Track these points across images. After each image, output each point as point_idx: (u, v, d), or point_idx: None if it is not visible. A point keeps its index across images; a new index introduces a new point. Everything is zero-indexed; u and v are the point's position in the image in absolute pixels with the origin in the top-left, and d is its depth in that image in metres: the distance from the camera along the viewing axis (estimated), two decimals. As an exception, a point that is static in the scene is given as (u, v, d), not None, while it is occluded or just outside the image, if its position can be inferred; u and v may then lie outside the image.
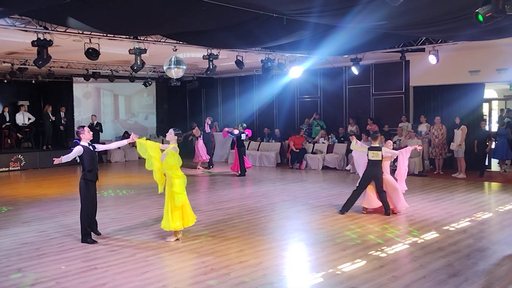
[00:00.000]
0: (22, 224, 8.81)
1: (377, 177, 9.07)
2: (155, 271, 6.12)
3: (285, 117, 19.44)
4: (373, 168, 9.07)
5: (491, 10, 5.64)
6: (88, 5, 7.77)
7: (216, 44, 12.05)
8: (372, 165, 9.07)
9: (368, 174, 9.13)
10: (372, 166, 9.08)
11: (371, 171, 9.09)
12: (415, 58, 15.06)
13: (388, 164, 9.38)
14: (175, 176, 7.25)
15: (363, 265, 6.25)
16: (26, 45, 10.97)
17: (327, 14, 7.31)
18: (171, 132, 7.50)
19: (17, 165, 17.06)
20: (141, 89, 22.30)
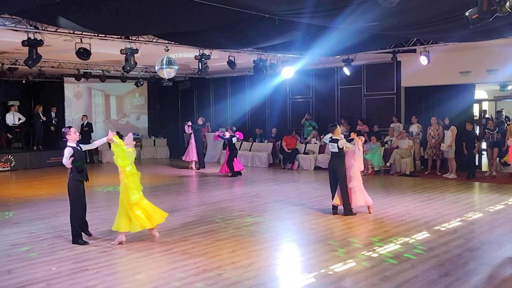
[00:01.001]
0: (12, 225, 8.74)
1: (338, 169, 9.09)
2: (147, 272, 6.10)
3: (277, 117, 19.45)
4: (331, 159, 9.34)
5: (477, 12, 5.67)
6: (79, 5, 7.72)
7: (208, 44, 12.03)
8: (332, 156, 9.32)
9: (330, 167, 9.38)
10: (332, 158, 9.32)
11: (331, 163, 9.32)
12: (407, 59, 15.13)
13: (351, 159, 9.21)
14: (124, 176, 7.28)
15: (354, 266, 6.26)
16: (17, 44, 10.89)
17: (319, 15, 7.33)
18: (130, 136, 7.49)
19: (7, 166, 16.93)
20: (133, 89, 22.20)
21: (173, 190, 12.51)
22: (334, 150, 9.18)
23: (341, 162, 9.13)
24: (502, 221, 8.58)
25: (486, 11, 5.53)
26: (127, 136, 7.53)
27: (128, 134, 7.61)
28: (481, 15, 5.62)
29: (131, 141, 7.44)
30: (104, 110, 22.33)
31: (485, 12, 5.55)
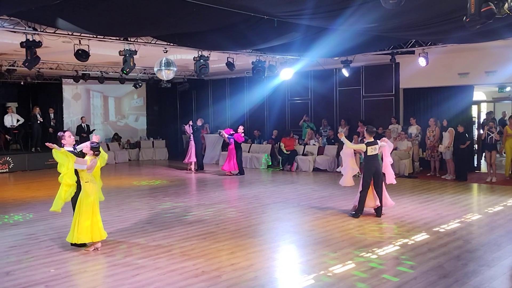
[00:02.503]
0: (10, 226, 8.72)
1: (377, 171, 9.00)
2: (146, 274, 6.08)
3: (276, 119, 19.46)
4: (373, 162, 8.99)
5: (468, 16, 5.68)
6: (78, 6, 7.72)
7: (207, 45, 12.03)
8: (371, 159, 8.99)
9: (369, 170, 8.99)
10: (371, 161, 8.99)
11: (372, 165, 8.98)
12: (405, 60, 15.15)
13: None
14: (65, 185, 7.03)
15: (354, 267, 6.25)
16: (15, 46, 10.89)
17: (318, 17, 7.33)
18: (87, 145, 7.17)
19: (5, 168, 16.89)
20: (131, 91, 22.20)
21: (171, 191, 12.49)
22: (375, 153, 9.01)
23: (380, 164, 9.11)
24: (501, 222, 8.58)
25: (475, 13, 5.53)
26: (84, 144, 7.27)
27: (86, 142, 7.37)
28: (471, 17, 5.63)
29: (88, 150, 7.12)
30: (102, 111, 22.33)
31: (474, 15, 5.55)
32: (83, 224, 6.95)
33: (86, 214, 6.97)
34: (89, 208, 7.01)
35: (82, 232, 6.94)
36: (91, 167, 7.08)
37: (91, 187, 7.10)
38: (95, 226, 7.06)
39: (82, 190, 7.04)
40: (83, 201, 7.00)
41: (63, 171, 6.88)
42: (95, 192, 7.16)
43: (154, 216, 9.49)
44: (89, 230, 6.97)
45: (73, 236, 7.01)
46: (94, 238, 7.05)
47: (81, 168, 6.98)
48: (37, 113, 18.75)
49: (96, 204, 7.14)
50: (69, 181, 6.89)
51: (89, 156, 7.11)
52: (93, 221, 7.04)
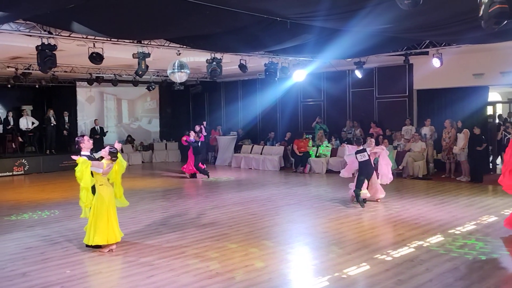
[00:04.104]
0: (26, 228, 8.81)
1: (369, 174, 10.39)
2: (160, 275, 6.10)
3: (289, 120, 19.43)
4: (365, 166, 10.30)
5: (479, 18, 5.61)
6: (92, 9, 7.78)
7: (220, 48, 12.05)
8: (362, 164, 10.31)
9: (361, 173, 10.30)
10: (363, 165, 10.31)
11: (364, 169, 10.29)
12: (419, 61, 15.04)
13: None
14: (80, 188, 7.16)
15: (368, 269, 6.22)
16: (30, 49, 11.00)
17: (332, 18, 7.31)
18: (106, 150, 7.27)
19: (20, 170, 17.09)
20: (145, 93, 22.34)
21: (184, 193, 12.54)
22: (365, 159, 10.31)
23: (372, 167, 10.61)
24: (517, 224, 8.46)
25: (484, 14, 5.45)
26: (104, 149, 7.39)
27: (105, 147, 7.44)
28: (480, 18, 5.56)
29: (106, 155, 7.25)
30: (116, 114, 22.48)
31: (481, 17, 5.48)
32: (99, 226, 7.02)
33: (101, 216, 7.04)
34: (104, 210, 7.08)
35: (97, 234, 7.01)
36: (106, 171, 7.16)
37: (105, 190, 7.17)
38: (111, 228, 7.13)
39: (97, 193, 7.12)
40: (98, 204, 7.07)
41: (78, 175, 6.96)
42: (110, 195, 7.23)
43: (167, 217, 9.53)
44: (104, 232, 7.04)
45: (89, 238, 7.08)
46: (109, 240, 7.11)
47: (97, 171, 7.06)
48: (51, 116, 18.95)
49: (111, 206, 7.20)
50: (84, 184, 6.98)
51: (106, 160, 7.19)
52: (109, 223, 7.11)
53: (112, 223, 7.18)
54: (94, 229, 7.03)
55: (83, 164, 6.90)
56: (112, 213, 7.21)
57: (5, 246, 7.59)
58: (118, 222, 7.39)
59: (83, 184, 6.96)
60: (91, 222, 7.09)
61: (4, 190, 13.85)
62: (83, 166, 6.89)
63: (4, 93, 20.46)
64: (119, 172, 7.49)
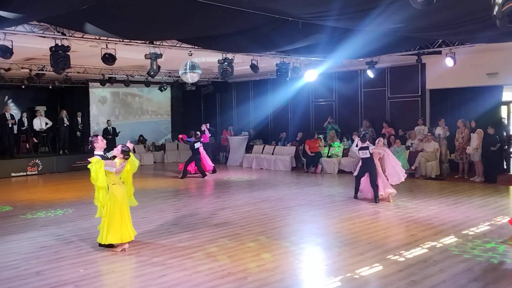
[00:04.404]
0: (40, 228, 8.90)
1: (370, 170, 10.82)
2: (172, 274, 6.13)
3: (300, 120, 19.40)
4: (366, 163, 10.89)
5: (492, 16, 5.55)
6: (105, 10, 7.84)
7: (231, 48, 12.07)
8: (364, 161, 10.93)
9: (363, 168, 11.03)
10: (364, 162, 10.95)
11: (366, 165, 10.91)
12: (432, 60, 14.93)
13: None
14: (96, 188, 7.18)
15: (381, 269, 6.19)
16: (44, 51, 11.11)
17: (344, 18, 7.28)
18: (119, 149, 7.34)
19: (34, 170, 17.27)
20: (157, 94, 22.44)
21: (196, 193, 12.57)
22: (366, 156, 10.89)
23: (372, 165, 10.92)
24: (532, 225, 8.36)
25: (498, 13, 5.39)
26: (116, 148, 7.46)
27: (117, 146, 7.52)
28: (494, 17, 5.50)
29: (119, 153, 7.30)
30: (128, 114, 22.59)
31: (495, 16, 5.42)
32: (112, 225, 7.08)
33: (114, 215, 7.10)
34: (117, 209, 7.14)
35: (111, 233, 7.06)
36: (119, 170, 7.21)
37: (118, 189, 7.22)
38: (124, 227, 7.19)
39: (110, 192, 7.17)
40: (111, 203, 7.13)
41: (93, 175, 7.01)
42: (123, 194, 7.28)
43: (179, 217, 9.57)
44: (118, 231, 7.10)
45: (102, 237, 7.14)
46: (123, 239, 7.17)
47: (110, 170, 7.11)
48: (64, 116, 19.12)
49: (124, 205, 7.26)
50: (100, 184, 7.02)
51: (119, 159, 7.24)
52: (122, 222, 7.17)
53: (125, 221, 7.24)
54: (107, 228, 7.09)
55: (97, 164, 6.95)
56: (125, 212, 7.27)
57: (19, 245, 7.68)
58: (131, 221, 7.44)
59: (99, 183, 6.99)
60: (104, 221, 7.15)
61: (18, 190, 14.02)
62: (97, 166, 6.93)
63: (18, 94, 20.73)
64: (131, 171, 7.55)
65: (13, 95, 21.10)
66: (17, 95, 21.07)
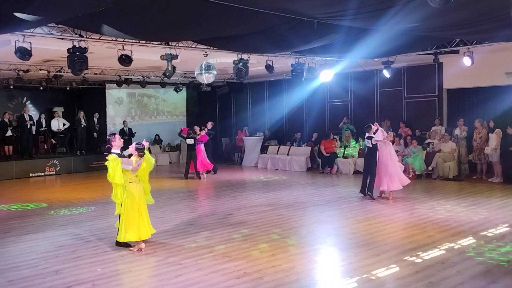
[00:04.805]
0: (58, 227, 9.01)
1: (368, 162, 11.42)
2: (188, 274, 6.16)
3: (315, 121, 19.34)
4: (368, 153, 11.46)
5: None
6: (122, 12, 7.91)
7: (247, 48, 12.09)
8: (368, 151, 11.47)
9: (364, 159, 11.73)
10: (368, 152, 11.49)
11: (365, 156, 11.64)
12: (449, 60, 14.77)
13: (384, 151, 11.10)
14: (114, 186, 7.22)
15: (398, 271, 6.14)
16: (62, 52, 11.25)
17: (360, 17, 7.24)
18: (133, 146, 7.39)
19: (52, 170, 17.49)
20: (172, 95, 22.57)
21: (212, 193, 12.61)
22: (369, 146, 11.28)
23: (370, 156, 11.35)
24: (553, 227, 8.23)
25: None
26: (131, 146, 7.52)
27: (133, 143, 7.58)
28: None
29: (133, 151, 7.36)
30: (144, 115, 22.76)
31: None
32: (130, 223, 7.15)
33: (132, 213, 7.17)
34: (135, 207, 7.21)
35: (129, 231, 7.14)
36: (135, 168, 7.27)
37: (135, 187, 7.29)
38: (142, 224, 7.27)
39: (127, 191, 7.23)
40: (128, 201, 7.19)
41: (110, 172, 7.07)
42: (140, 192, 7.35)
43: (195, 217, 9.61)
44: (136, 229, 7.17)
45: (120, 235, 7.21)
46: (141, 236, 7.24)
47: (127, 168, 7.19)
48: (81, 117, 19.35)
49: (141, 203, 7.33)
50: (117, 181, 7.09)
51: (135, 157, 7.31)
52: (140, 220, 7.23)
53: (143, 219, 7.31)
54: (125, 226, 7.16)
55: (114, 161, 7.02)
56: (142, 210, 7.34)
57: (38, 244, 7.79)
58: (149, 218, 7.49)
59: (116, 180, 7.06)
60: (122, 219, 7.21)
61: (37, 190, 14.21)
62: (114, 163, 7.01)
63: (37, 95, 21.05)
64: (147, 170, 7.60)
65: (32, 96, 21.44)
66: (36, 97, 21.40)
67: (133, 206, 7.21)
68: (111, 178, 7.08)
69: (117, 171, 7.03)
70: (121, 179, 7.09)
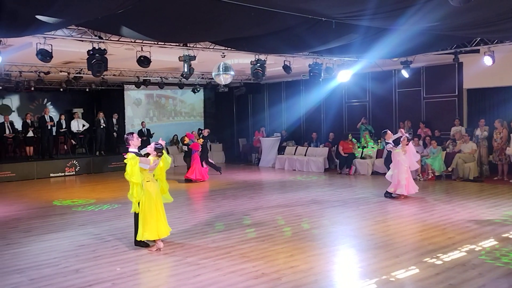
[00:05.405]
0: (78, 227, 9.13)
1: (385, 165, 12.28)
2: (207, 274, 6.18)
3: (333, 121, 19.25)
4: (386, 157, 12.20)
5: None
6: (141, 14, 7.98)
7: (264, 49, 12.09)
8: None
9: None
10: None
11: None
12: (469, 59, 14.57)
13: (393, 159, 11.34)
14: (131, 184, 7.23)
15: (417, 273, 6.07)
16: (82, 54, 11.39)
17: (379, 17, 7.18)
18: (152, 146, 7.45)
19: (72, 170, 17.73)
20: (190, 96, 22.69)
21: (229, 194, 12.63)
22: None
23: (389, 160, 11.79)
24: None
25: None
26: (149, 145, 7.59)
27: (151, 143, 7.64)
28: None
29: (151, 151, 7.42)
30: (162, 116, 22.92)
31: None
32: (148, 222, 7.21)
33: (150, 212, 7.22)
34: (152, 206, 7.26)
35: (147, 230, 7.19)
36: (153, 167, 7.34)
37: (152, 186, 7.35)
38: (160, 222, 7.32)
39: (144, 190, 7.28)
40: (146, 200, 7.24)
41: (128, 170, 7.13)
42: (157, 191, 7.40)
43: (212, 218, 9.63)
44: (154, 228, 7.23)
45: (138, 234, 7.27)
46: (160, 235, 7.30)
47: (144, 167, 7.24)
48: (101, 118, 19.57)
49: (158, 202, 7.38)
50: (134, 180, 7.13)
51: (153, 156, 7.37)
52: (158, 218, 7.28)
53: (161, 217, 7.35)
54: (143, 226, 7.21)
55: (133, 160, 7.08)
56: (160, 208, 7.39)
57: (59, 244, 7.89)
58: (166, 217, 7.54)
59: (134, 179, 7.11)
60: (140, 218, 7.27)
61: (57, 190, 14.42)
62: (133, 162, 7.07)
63: (57, 96, 21.38)
64: (164, 169, 7.65)
65: (52, 97, 21.78)
66: (56, 98, 21.74)
67: (151, 205, 7.27)
68: (129, 176, 7.14)
69: (135, 169, 7.09)
70: (139, 177, 7.15)
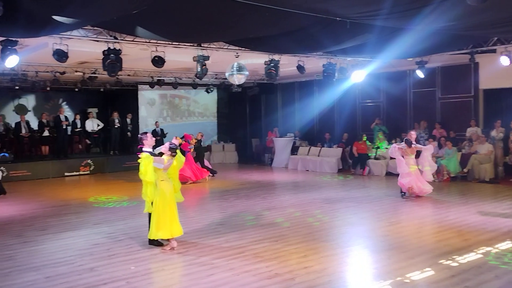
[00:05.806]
0: (93, 226, 9.20)
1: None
2: (220, 274, 6.19)
3: (346, 122, 19.13)
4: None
5: None
6: (155, 14, 8.02)
7: (278, 49, 12.08)
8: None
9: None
10: None
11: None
12: (485, 59, 14.39)
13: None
14: (144, 183, 7.28)
15: (433, 274, 6.01)
16: (97, 54, 11.48)
17: (394, 17, 7.13)
18: (166, 146, 7.48)
19: (86, 170, 17.87)
20: (203, 96, 22.76)
21: (242, 194, 12.64)
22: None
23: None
24: None
25: None
26: (163, 145, 7.63)
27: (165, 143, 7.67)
28: None
29: (166, 150, 7.45)
30: (176, 116, 23.03)
31: None
32: (162, 221, 7.25)
33: (163, 211, 7.26)
34: (166, 205, 7.30)
35: (161, 229, 7.23)
36: (167, 167, 7.38)
37: (166, 185, 7.39)
38: (174, 221, 7.36)
39: (158, 189, 7.32)
40: (160, 199, 7.28)
41: (142, 170, 7.17)
42: (170, 190, 7.44)
43: (226, 218, 9.65)
44: (168, 227, 7.26)
45: (151, 233, 7.32)
46: (173, 234, 7.34)
47: (158, 166, 7.28)
48: (115, 118, 19.72)
49: (172, 201, 7.42)
50: (148, 179, 7.17)
51: (167, 156, 7.40)
52: (172, 217, 7.32)
53: (174, 216, 7.39)
54: (157, 225, 7.25)
55: (147, 159, 7.12)
56: (173, 207, 7.43)
57: (74, 242, 7.96)
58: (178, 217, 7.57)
59: (148, 178, 7.15)
60: (153, 217, 7.31)
61: (72, 189, 14.57)
62: (147, 161, 7.11)
63: (72, 96, 21.60)
64: (177, 168, 7.69)
65: (67, 97, 22.00)
66: (71, 98, 21.96)
67: (165, 204, 7.30)
68: (142, 175, 7.18)
69: (149, 169, 7.13)
70: (152, 177, 7.19)
